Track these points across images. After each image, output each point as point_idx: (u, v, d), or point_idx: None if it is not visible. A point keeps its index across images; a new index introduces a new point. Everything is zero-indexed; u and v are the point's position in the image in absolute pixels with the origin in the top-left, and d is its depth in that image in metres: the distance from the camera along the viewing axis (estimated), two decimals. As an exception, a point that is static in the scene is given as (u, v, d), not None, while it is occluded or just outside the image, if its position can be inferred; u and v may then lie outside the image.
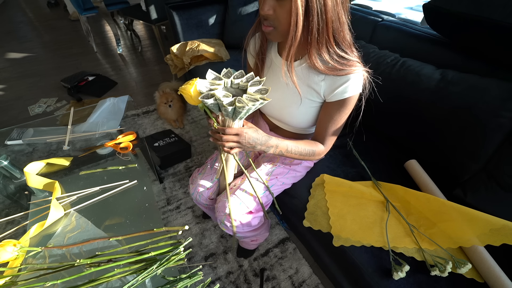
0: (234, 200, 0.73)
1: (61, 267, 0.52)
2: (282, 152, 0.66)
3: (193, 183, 0.85)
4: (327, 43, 0.57)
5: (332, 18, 0.53)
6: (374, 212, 0.79)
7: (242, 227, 0.76)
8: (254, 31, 0.68)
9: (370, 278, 0.68)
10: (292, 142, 0.67)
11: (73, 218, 0.67)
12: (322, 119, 0.69)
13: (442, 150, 0.85)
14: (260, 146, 0.61)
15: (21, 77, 2.30)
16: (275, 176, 0.81)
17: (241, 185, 0.76)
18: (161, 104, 1.66)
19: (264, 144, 0.61)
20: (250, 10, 1.63)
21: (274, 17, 0.54)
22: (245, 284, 1.01)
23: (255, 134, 0.60)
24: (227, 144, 0.58)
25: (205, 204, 0.86)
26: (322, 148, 0.72)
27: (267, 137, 0.62)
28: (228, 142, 0.57)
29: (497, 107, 0.72)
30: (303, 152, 0.69)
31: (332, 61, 0.58)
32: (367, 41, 1.12)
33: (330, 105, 0.66)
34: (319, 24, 0.53)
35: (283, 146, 0.65)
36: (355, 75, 0.60)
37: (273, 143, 0.63)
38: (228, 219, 0.72)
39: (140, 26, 3.43)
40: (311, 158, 0.72)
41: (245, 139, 0.58)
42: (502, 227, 0.65)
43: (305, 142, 0.70)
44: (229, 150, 0.59)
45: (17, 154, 0.89)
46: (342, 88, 0.61)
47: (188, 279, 0.52)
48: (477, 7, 0.74)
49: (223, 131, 0.57)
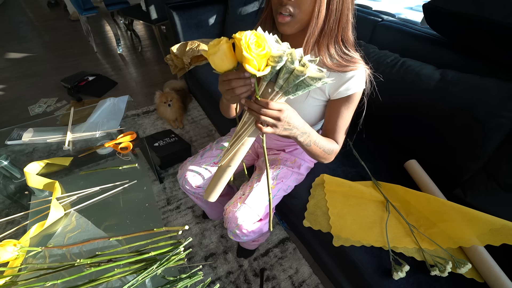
0: (245, 210, 0.72)
1: (61, 267, 0.53)
2: (311, 142, 0.60)
3: (181, 168, 0.86)
4: (336, 38, 0.57)
5: (346, 11, 0.53)
6: (374, 212, 0.79)
7: (253, 235, 0.75)
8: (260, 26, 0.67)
9: (370, 278, 0.68)
10: (319, 136, 0.63)
11: (73, 218, 0.67)
12: (330, 117, 0.68)
13: (442, 150, 0.85)
14: (296, 130, 0.54)
15: (21, 77, 2.30)
16: (280, 179, 0.80)
17: (250, 193, 0.74)
18: (160, 103, 1.66)
19: (300, 128, 0.55)
20: (250, 10, 1.63)
21: (295, 4, 0.52)
22: (245, 284, 1.01)
23: (295, 115, 0.53)
24: (264, 118, 0.48)
25: (192, 192, 0.86)
26: (337, 146, 0.69)
27: (303, 121, 0.56)
28: (267, 116, 0.48)
29: (497, 107, 0.72)
30: (326, 148, 0.64)
31: (338, 57, 0.59)
32: (367, 41, 1.12)
33: (336, 102, 0.65)
34: (336, 14, 0.53)
35: (314, 136, 0.60)
36: (358, 71, 0.60)
37: (307, 130, 0.57)
38: (241, 229, 0.71)
39: (140, 26, 3.43)
40: (328, 157, 0.68)
41: (286, 117, 0.50)
42: (502, 227, 0.65)
43: (327, 139, 0.67)
44: (261, 127, 0.50)
45: (17, 154, 0.89)
46: (346, 85, 0.61)
47: (188, 279, 0.53)
48: (477, 7, 0.74)
49: (266, 104, 0.48)
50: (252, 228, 0.73)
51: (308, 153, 0.65)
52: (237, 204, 0.73)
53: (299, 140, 0.58)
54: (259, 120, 0.49)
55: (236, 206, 0.73)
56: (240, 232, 0.72)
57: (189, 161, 0.87)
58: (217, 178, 0.66)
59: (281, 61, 0.42)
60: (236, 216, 0.71)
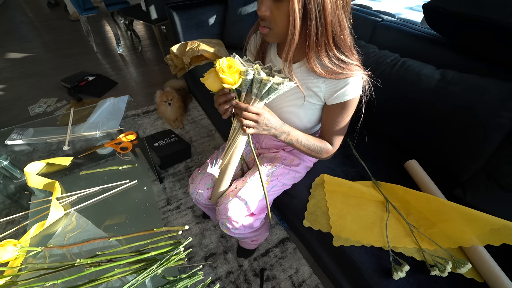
0: (236, 202, 0.73)
1: (61, 267, 0.53)
2: (292, 141, 0.67)
3: (193, 182, 0.84)
4: (327, 47, 0.56)
5: (332, 22, 0.52)
6: (374, 212, 0.79)
7: (244, 229, 0.76)
8: (255, 29, 0.68)
9: (370, 278, 0.68)
10: (304, 135, 0.68)
11: (73, 218, 0.67)
12: (325, 121, 0.70)
13: (442, 150, 0.85)
14: (274, 130, 0.63)
15: (21, 77, 2.30)
16: (275, 177, 0.80)
17: (243, 187, 0.75)
18: (161, 102, 1.66)
19: (278, 128, 0.63)
20: (250, 10, 1.63)
21: (271, 19, 0.54)
22: (245, 284, 1.01)
23: (272, 117, 0.61)
24: (245, 121, 0.58)
25: (205, 204, 0.86)
26: (331, 147, 0.72)
27: (281, 122, 0.64)
28: (247, 119, 0.58)
29: (497, 107, 0.72)
30: (312, 146, 0.69)
31: (332, 64, 0.58)
32: (367, 41, 1.12)
33: (332, 107, 0.66)
34: (318, 28, 0.52)
35: (294, 135, 0.66)
36: (354, 78, 0.59)
37: (285, 130, 0.65)
38: (231, 221, 0.72)
39: (140, 26, 3.43)
40: (318, 156, 0.72)
41: (263, 119, 0.59)
42: (502, 227, 0.65)
43: (315, 138, 0.70)
44: (245, 129, 0.60)
45: (17, 154, 0.89)
46: (342, 91, 0.61)
47: (188, 279, 0.53)
48: (477, 7, 0.74)
49: (246, 107, 0.58)
50: (243, 222, 0.73)
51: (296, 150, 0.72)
52: (228, 196, 0.74)
53: (281, 139, 0.66)
54: (242, 123, 0.59)
55: (228, 198, 0.74)
56: (230, 224, 0.73)
57: (199, 173, 0.85)
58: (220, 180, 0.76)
59: (249, 74, 0.55)
60: (227, 208, 0.72)
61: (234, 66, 0.55)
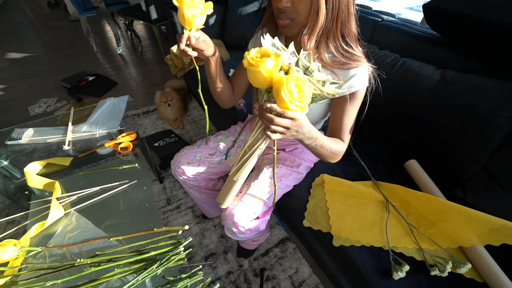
0: (242, 207, 0.72)
1: (61, 267, 0.53)
2: (317, 146, 0.60)
3: (176, 155, 0.88)
4: (334, 35, 0.56)
5: (343, 6, 0.53)
6: (374, 212, 0.79)
7: (250, 233, 0.76)
8: (263, 27, 0.67)
9: (370, 278, 0.68)
10: (327, 139, 0.62)
11: (73, 218, 0.67)
12: (335, 115, 0.67)
13: (442, 150, 0.85)
14: (302, 135, 0.54)
15: (21, 77, 2.30)
16: (278, 178, 0.80)
17: (248, 191, 0.75)
18: (160, 103, 1.66)
19: (306, 134, 0.54)
20: (250, 10, 1.63)
21: (292, 9, 0.54)
22: (245, 284, 1.01)
23: (306, 123, 0.52)
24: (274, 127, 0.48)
25: (183, 179, 0.88)
26: (344, 146, 0.68)
27: (312, 127, 0.55)
28: (279, 126, 0.48)
29: (497, 107, 0.72)
30: (333, 149, 0.64)
31: (338, 54, 0.58)
32: (367, 41, 1.12)
33: (340, 100, 0.64)
34: (333, 12, 0.53)
35: (320, 140, 0.59)
36: (360, 69, 0.59)
37: (314, 135, 0.57)
38: (237, 226, 0.72)
39: (140, 26, 3.43)
40: (336, 158, 0.67)
41: (296, 125, 0.49)
42: (502, 227, 0.65)
43: (332, 139, 0.66)
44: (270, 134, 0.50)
45: (17, 154, 0.89)
46: (349, 82, 0.60)
47: (188, 279, 0.53)
48: (477, 7, 0.74)
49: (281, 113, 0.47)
50: (249, 226, 0.73)
51: (314, 154, 0.64)
52: (234, 201, 0.74)
53: (304, 143, 0.58)
54: (269, 129, 0.49)
55: (233, 203, 0.73)
56: (236, 229, 0.72)
57: (185, 149, 0.89)
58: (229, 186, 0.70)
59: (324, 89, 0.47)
60: (233, 213, 0.72)
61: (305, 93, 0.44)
